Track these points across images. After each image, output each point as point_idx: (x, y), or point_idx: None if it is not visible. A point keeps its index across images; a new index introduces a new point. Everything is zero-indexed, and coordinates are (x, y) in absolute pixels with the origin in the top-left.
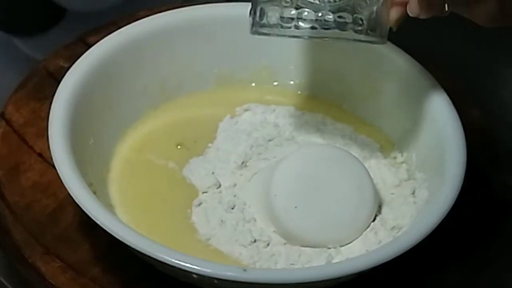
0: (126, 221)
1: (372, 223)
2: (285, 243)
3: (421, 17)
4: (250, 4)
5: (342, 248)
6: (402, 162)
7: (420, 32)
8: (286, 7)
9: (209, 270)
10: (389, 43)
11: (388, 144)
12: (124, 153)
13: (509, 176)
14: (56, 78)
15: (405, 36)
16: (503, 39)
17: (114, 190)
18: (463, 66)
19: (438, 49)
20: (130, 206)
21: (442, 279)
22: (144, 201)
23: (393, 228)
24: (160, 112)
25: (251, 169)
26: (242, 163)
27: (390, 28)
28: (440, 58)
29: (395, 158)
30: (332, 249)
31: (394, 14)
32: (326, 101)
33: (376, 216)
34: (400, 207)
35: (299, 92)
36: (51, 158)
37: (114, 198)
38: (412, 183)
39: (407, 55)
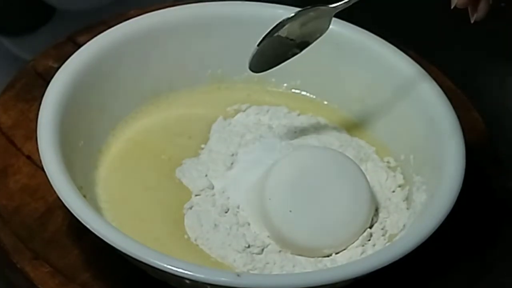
0: (117, 225)
1: (369, 228)
2: (279, 251)
3: None
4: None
5: (338, 256)
6: (399, 165)
7: (418, 33)
8: None
9: (202, 276)
10: (386, 44)
11: (385, 147)
12: (114, 155)
13: (509, 179)
14: (45, 79)
15: (403, 37)
16: (503, 40)
17: (104, 193)
18: (462, 67)
19: (437, 50)
20: (121, 209)
21: (442, 284)
22: (135, 204)
23: (390, 233)
24: (152, 112)
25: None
26: None
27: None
28: (439, 59)
29: (391, 161)
30: (327, 259)
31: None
32: (321, 103)
33: (373, 220)
34: (397, 211)
35: (293, 93)
36: (40, 160)
37: (104, 201)
38: (410, 186)
39: (405, 55)
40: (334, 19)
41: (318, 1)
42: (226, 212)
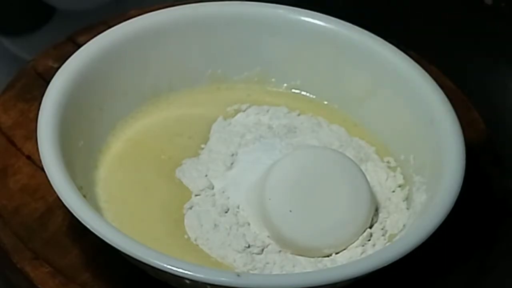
0: (117, 224)
1: (369, 228)
2: (279, 251)
3: None
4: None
5: (338, 256)
6: (399, 165)
7: (418, 33)
8: None
9: (202, 276)
10: (386, 44)
11: (385, 147)
12: (114, 155)
13: (510, 178)
14: (45, 79)
15: (403, 37)
16: (503, 40)
17: (104, 192)
18: (462, 67)
19: (437, 50)
20: (120, 209)
21: (442, 284)
22: (135, 204)
23: (390, 233)
24: (152, 112)
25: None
26: None
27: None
28: (439, 59)
29: (391, 161)
30: (327, 259)
31: None
32: (321, 103)
33: (372, 220)
34: (397, 211)
35: (293, 93)
36: (40, 160)
37: (104, 201)
38: (410, 186)
39: (405, 55)
40: (334, 19)
41: (319, 2)
42: (226, 212)
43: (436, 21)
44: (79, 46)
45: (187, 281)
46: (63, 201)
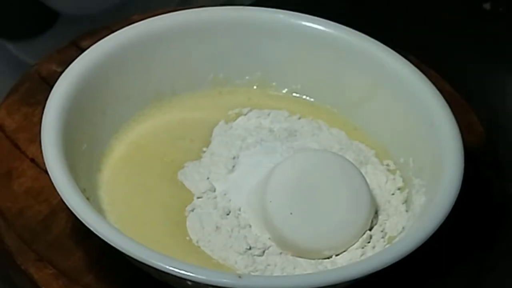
0: (119, 227)
1: (369, 230)
2: (280, 253)
3: None
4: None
5: (338, 258)
6: (399, 168)
7: (417, 36)
8: None
9: (203, 277)
10: (386, 48)
11: (384, 150)
12: (117, 158)
13: (509, 182)
14: (48, 83)
15: (403, 41)
16: (502, 44)
17: (107, 195)
18: (461, 71)
19: (435, 53)
20: (123, 211)
21: (441, 286)
22: (138, 206)
23: (389, 235)
24: (154, 116)
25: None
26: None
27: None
28: (438, 62)
29: (391, 164)
30: (327, 261)
31: None
32: (321, 106)
33: (372, 222)
34: (396, 213)
35: (294, 97)
36: (44, 163)
37: (107, 203)
38: (409, 189)
39: (404, 59)
40: (334, 24)
41: (319, 7)
42: (227, 215)
43: (435, 25)
44: (83, 50)
45: (189, 283)
46: (67, 203)
